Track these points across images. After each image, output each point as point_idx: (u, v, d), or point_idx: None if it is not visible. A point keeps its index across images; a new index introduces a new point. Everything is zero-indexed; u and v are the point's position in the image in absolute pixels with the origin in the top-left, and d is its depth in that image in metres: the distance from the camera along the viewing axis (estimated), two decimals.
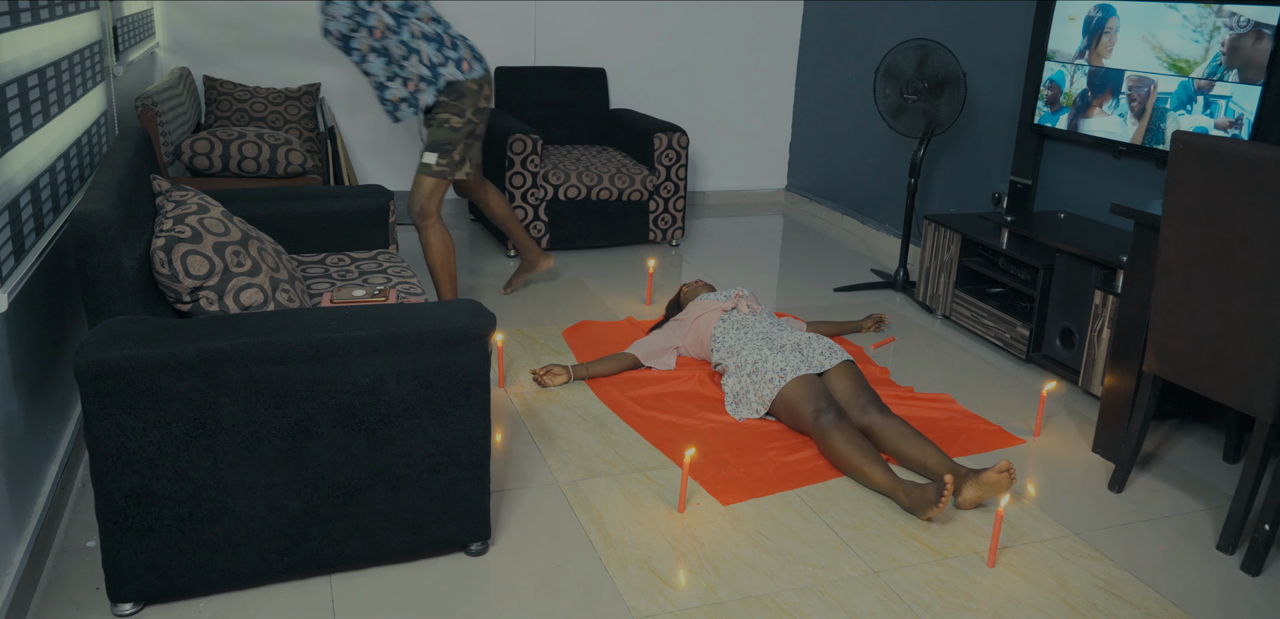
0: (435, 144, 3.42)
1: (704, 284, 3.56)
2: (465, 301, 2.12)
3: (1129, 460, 2.72)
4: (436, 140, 3.42)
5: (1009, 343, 3.69)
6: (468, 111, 3.41)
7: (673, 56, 5.70)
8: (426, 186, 3.45)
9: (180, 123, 3.91)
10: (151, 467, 1.86)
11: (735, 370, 3.05)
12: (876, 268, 4.83)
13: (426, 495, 2.10)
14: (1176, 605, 2.23)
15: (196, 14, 4.75)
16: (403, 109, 3.35)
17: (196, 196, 2.40)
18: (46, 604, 2.01)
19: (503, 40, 5.29)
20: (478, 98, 3.43)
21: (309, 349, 1.91)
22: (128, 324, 1.86)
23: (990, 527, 2.46)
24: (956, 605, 2.17)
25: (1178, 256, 2.50)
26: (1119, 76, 3.55)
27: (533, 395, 3.11)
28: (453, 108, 3.38)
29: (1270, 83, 3.06)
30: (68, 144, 2.58)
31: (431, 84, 3.32)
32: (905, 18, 4.97)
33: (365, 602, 2.06)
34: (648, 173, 4.80)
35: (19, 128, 2.11)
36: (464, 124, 3.42)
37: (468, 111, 3.41)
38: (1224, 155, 2.35)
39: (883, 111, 4.35)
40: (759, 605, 2.13)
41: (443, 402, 2.04)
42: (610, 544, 2.32)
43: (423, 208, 3.46)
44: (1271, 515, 2.35)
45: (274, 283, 2.34)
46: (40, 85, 2.30)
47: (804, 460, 2.74)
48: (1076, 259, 3.38)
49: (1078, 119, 3.74)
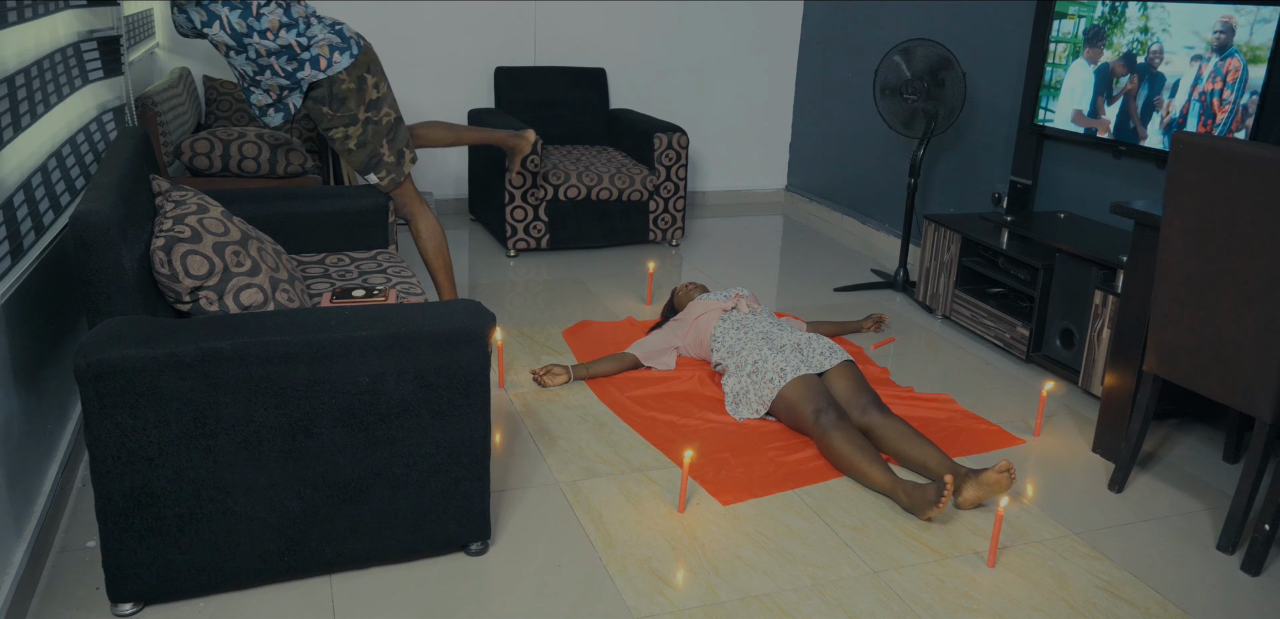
0: (363, 166, 3.25)
1: (697, 286, 3.56)
2: (465, 301, 2.12)
3: (1129, 460, 2.72)
4: (360, 162, 3.23)
5: (1009, 343, 3.69)
6: (359, 111, 3.15)
7: (673, 56, 5.70)
8: (393, 195, 3.34)
9: (180, 123, 3.91)
10: (151, 466, 1.86)
11: (735, 370, 3.05)
12: (876, 268, 4.83)
13: (426, 495, 2.10)
14: (1176, 605, 2.23)
15: None
16: (271, 114, 3.14)
17: (196, 196, 2.40)
18: (46, 604, 2.01)
19: (503, 40, 5.30)
20: (362, 91, 3.15)
21: (309, 349, 1.91)
22: (128, 324, 1.86)
23: (990, 527, 2.46)
24: (956, 605, 2.17)
25: (1178, 256, 2.50)
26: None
27: (533, 395, 3.11)
28: (342, 118, 3.15)
29: (1270, 82, 3.06)
30: (74, 133, 2.57)
31: (295, 89, 3.09)
32: (905, 18, 4.97)
33: (365, 602, 2.06)
34: (648, 173, 4.80)
35: (10, 128, 2.10)
36: (363, 127, 3.17)
37: (359, 111, 3.15)
38: (1224, 155, 2.35)
39: (894, 126, 4.34)
40: (759, 605, 2.13)
41: (443, 401, 2.04)
42: (610, 544, 2.32)
43: (398, 209, 3.36)
44: (1271, 515, 2.35)
45: (274, 283, 2.34)
46: (40, 82, 2.29)
47: (804, 460, 2.74)
48: (1076, 259, 3.38)
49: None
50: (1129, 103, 3.52)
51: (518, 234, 4.60)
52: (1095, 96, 3.65)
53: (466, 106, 5.30)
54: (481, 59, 5.29)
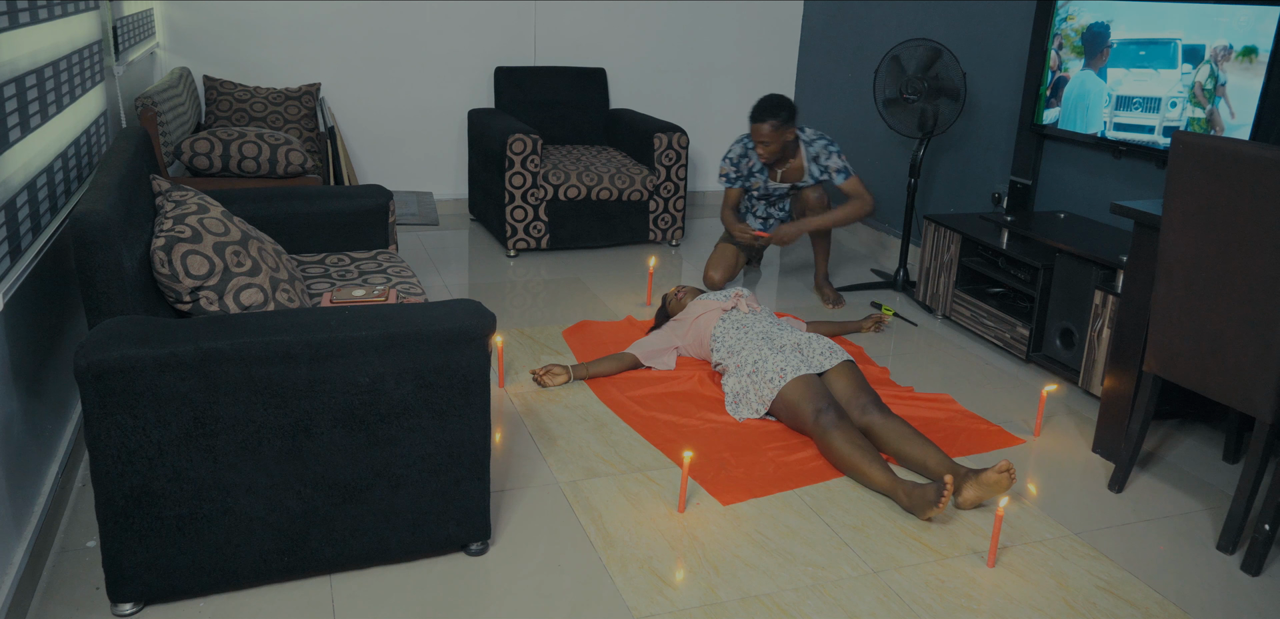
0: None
1: (689, 291, 3.56)
2: (465, 301, 2.12)
3: (1129, 460, 2.72)
4: None
5: (1009, 343, 3.69)
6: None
7: (673, 56, 5.70)
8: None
9: (180, 123, 3.91)
10: (151, 467, 1.86)
11: (735, 370, 3.05)
12: (876, 268, 4.83)
13: (426, 495, 2.10)
14: (1176, 605, 2.23)
15: (196, 14, 4.75)
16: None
17: (196, 196, 2.40)
18: (46, 604, 2.01)
19: (503, 40, 5.30)
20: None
21: (309, 349, 1.91)
22: (128, 324, 1.86)
23: (990, 527, 2.46)
24: (956, 605, 2.17)
25: (1178, 256, 2.50)
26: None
27: (533, 395, 3.11)
28: None
29: (1270, 83, 3.06)
30: (66, 144, 2.58)
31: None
32: (905, 18, 4.97)
33: (365, 602, 2.06)
34: (648, 173, 4.80)
35: (16, 128, 2.10)
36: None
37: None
38: (1224, 155, 2.35)
39: (878, 99, 4.36)
40: (759, 605, 2.13)
41: (443, 402, 2.04)
42: (610, 544, 2.32)
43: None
44: (1271, 515, 2.35)
45: (274, 283, 2.34)
46: (39, 85, 2.30)
47: (804, 460, 2.74)
48: (1076, 259, 3.38)
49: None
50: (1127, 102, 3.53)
51: (518, 234, 4.60)
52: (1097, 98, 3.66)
53: (466, 106, 5.31)
54: (481, 59, 5.29)
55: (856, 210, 4.12)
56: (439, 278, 4.23)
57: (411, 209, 5.15)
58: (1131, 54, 3.50)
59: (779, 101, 3.94)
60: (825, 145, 4.11)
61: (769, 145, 3.97)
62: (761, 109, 3.94)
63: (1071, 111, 3.77)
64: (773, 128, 3.92)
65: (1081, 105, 3.72)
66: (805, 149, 4.12)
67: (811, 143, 4.12)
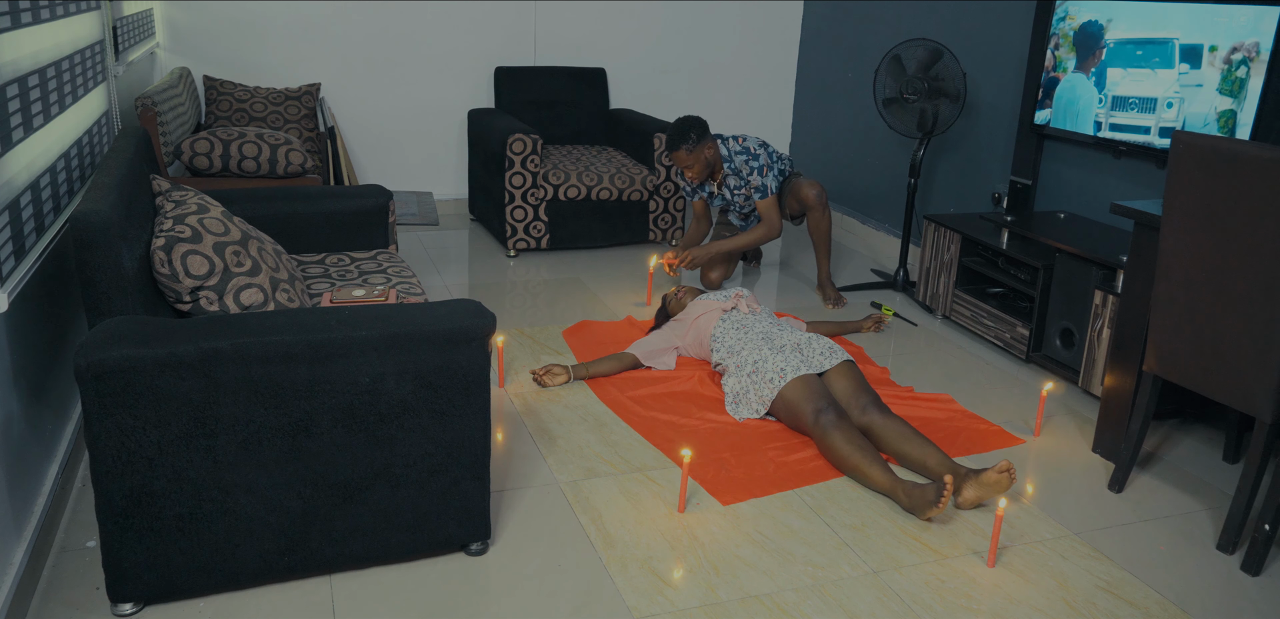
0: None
1: (689, 292, 3.56)
2: (465, 301, 2.12)
3: (1129, 460, 2.72)
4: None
5: (1009, 343, 3.69)
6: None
7: (673, 56, 5.70)
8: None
9: (180, 123, 3.91)
10: (151, 467, 1.86)
11: (735, 370, 3.05)
12: (876, 268, 4.83)
13: (426, 495, 2.10)
14: (1176, 605, 2.23)
15: (196, 14, 4.75)
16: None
17: (196, 196, 2.40)
18: (46, 604, 2.01)
19: (503, 40, 5.30)
20: None
21: (309, 349, 1.91)
22: (128, 324, 1.86)
23: (990, 527, 2.46)
24: (956, 605, 2.17)
25: (1178, 256, 2.50)
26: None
27: (533, 395, 3.11)
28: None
29: (1270, 83, 3.06)
30: (68, 144, 2.58)
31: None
32: (905, 18, 4.97)
33: (365, 602, 2.06)
34: (648, 173, 4.80)
35: (19, 128, 2.11)
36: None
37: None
38: (1224, 155, 2.35)
39: (878, 99, 4.36)
40: (759, 605, 2.13)
41: (443, 402, 2.04)
42: (610, 544, 2.32)
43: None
44: (1271, 515, 2.35)
45: (274, 283, 2.34)
46: (41, 85, 2.30)
47: (804, 460, 2.74)
48: (1076, 259, 3.38)
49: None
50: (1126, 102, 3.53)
51: (518, 234, 4.60)
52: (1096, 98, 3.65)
53: (466, 106, 5.31)
54: (481, 59, 5.29)
55: (760, 235, 4.14)
56: (439, 278, 4.23)
57: (411, 209, 5.16)
58: (1128, 54, 3.51)
59: (684, 127, 3.94)
60: (747, 160, 4.05)
61: (691, 168, 4.00)
62: (669, 140, 3.98)
63: (1062, 112, 3.77)
64: (687, 151, 3.95)
65: (1071, 109, 3.72)
66: (726, 164, 4.08)
67: (733, 157, 4.07)
